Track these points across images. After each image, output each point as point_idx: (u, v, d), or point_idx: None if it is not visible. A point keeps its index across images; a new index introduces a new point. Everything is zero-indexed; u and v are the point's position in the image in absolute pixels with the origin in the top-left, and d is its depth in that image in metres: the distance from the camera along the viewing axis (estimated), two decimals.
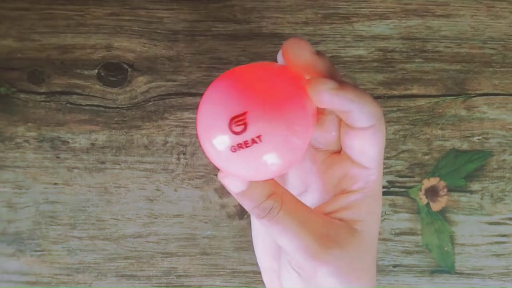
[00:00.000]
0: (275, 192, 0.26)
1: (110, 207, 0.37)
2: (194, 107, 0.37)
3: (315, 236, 0.25)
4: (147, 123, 0.37)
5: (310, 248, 0.25)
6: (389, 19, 0.37)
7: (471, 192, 0.37)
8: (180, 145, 0.37)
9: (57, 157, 0.37)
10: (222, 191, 0.37)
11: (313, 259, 0.25)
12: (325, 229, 0.26)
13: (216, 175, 0.37)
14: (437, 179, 0.37)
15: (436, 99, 0.37)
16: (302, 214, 0.26)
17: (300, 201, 0.27)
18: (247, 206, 0.26)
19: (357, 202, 0.27)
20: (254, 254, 0.37)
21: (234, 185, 0.25)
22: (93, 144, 0.37)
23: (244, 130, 0.22)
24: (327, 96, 0.24)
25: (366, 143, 0.26)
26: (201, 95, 0.37)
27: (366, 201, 0.27)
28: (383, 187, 0.37)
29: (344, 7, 0.37)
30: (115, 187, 0.37)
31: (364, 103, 0.25)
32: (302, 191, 0.29)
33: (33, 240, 0.37)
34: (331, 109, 0.25)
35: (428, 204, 0.37)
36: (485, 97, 0.37)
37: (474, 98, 0.37)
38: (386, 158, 0.37)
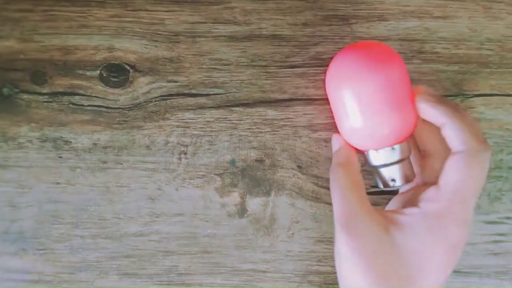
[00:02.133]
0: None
1: (112, 206, 0.38)
2: (195, 108, 0.37)
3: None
4: (148, 123, 0.37)
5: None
6: (387, 21, 0.37)
7: None
8: (181, 145, 0.37)
9: (60, 157, 0.38)
10: (223, 190, 0.37)
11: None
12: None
13: (216, 175, 0.37)
14: None
15: None
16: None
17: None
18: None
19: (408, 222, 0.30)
20: (254, 252, 0.37)
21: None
22: (95, 144, 0.38)
23: None
24: (423, 104, 0.30)
25: (452, 169, 0.29)
26: (202, 95, 0.37)
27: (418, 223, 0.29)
28: None
29: (343, 9, 0.37)
30: (117, 186, 0.38)
31: (457, 122, 0.29)
32: None
33: (36, 239, 0.38)
34: (430, 120, 0.30)
35: None
36: (482, 97, 0.37)
37: (471, 99, 0.37)
38: None
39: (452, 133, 0.29)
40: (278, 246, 0.37)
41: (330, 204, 0.37)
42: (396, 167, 0.31)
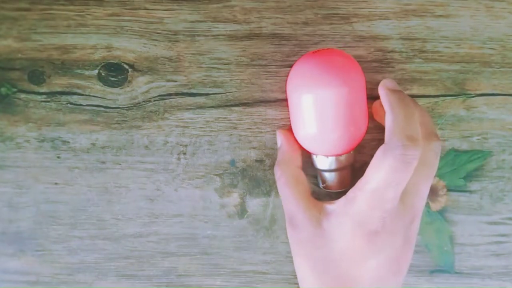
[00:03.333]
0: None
1: (110, 207, 0.37)
2: (195, 107, 0.37)
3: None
4: (147, 123, 0.37)
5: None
6: (388, 20, 0.37)
7: (471, 192, 0.37)
8: (180, 145, 0.37)
9: (58, 157, 0.37)
10: (222, 191, 0.37)
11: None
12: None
13: (216, 175, 0.37)
14: (437, 179, 0.37)
15: (435, 99, 0.37)
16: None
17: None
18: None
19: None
20: (254, 254, 0.37)
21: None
22: (93, 144, 0.37)
23: None
24: (381, 90, 0.31)
25: (373, 159, 0.30)
26: (201, 95, 0.37)
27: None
28: None
29: (344, 8, 0.37)
30: (116, 187, 0.37)
31: (394, 113, 0.30)
32: None
33: (34, 240, 0.38)
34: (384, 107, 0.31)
35: (427, 203, 0.37)
36: (484, 97, 0.37)
37: (473, 98, 0.37)
38: None
39: (386, 123, 0.30)
40: (278, 247, 0.37)
41: None
42: (333, 174, 0.34)
